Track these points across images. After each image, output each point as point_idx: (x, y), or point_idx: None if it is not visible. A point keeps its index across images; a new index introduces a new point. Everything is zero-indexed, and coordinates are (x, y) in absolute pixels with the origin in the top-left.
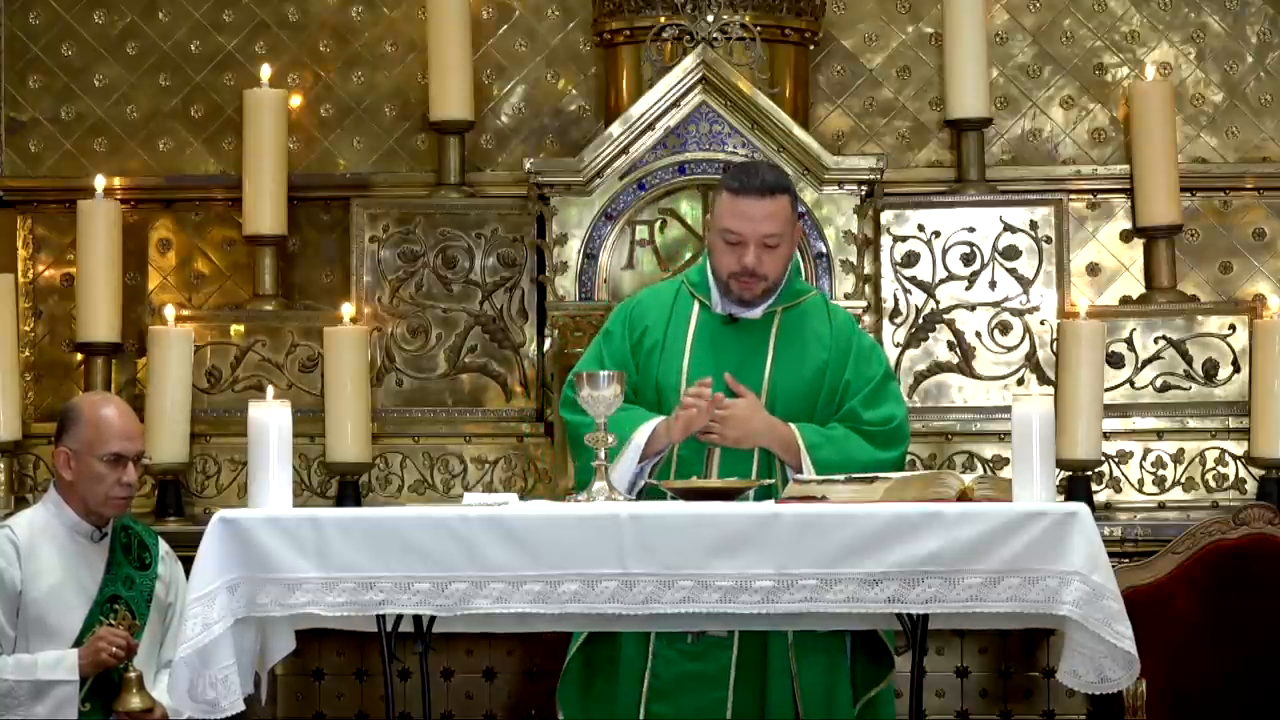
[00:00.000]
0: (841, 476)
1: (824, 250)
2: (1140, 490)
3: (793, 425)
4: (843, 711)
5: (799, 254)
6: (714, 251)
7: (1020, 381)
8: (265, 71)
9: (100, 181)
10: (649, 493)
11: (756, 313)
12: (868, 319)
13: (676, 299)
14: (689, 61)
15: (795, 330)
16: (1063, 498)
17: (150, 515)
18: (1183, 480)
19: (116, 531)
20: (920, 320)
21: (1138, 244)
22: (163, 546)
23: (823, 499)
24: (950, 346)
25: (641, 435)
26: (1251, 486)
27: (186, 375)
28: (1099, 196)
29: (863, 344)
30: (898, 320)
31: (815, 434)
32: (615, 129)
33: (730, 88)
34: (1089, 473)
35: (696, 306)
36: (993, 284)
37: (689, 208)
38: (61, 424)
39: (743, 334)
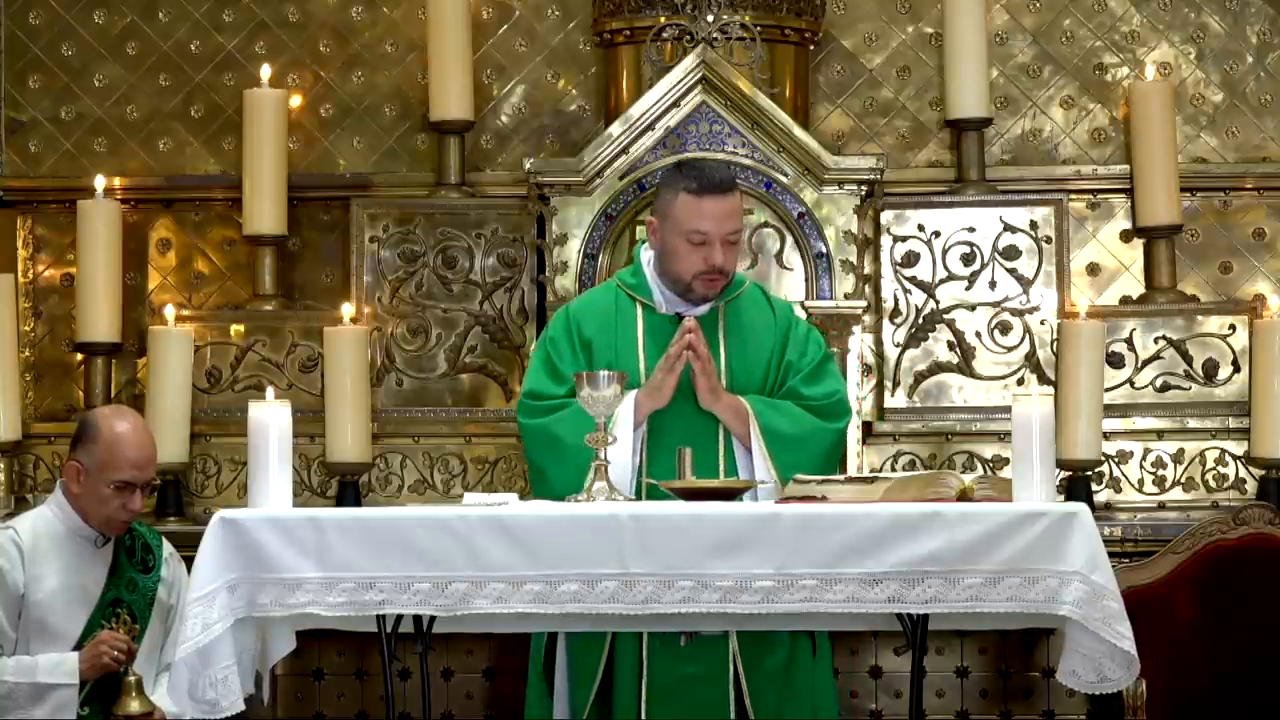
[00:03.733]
0: (841, 477)
1: (824, 250)
2: (1140, 490)
3: (740, 396)
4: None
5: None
6: (673, 254)
7: (1020, 381)
8: (265, 71)
9: (100, 181)
10: (650, 493)
11: (703, 309)
12: (868, 319)
13: (617, 305)
14: (689, 61)
15: (740, 321)
16: (1063, 498)
17: (150, 515)
18: (1183, 480)
19: (120, 535)
20: (920, 320)
21: (1138, 244)
22: (166, 548)
23: (823, 499)
24: (950, 346)
25: (626, 408)
26: (1251, 486)
27: (186, 375)
28: (1099, 196)
29: (801, 328)
30: (898, 320)
31: (762, 402)
32: (615, 129)
33: (730, 88)
34: (1089, 473)
35: (639, 310)
36: (993, 284)
37: None
38: (77, 435)
39: None
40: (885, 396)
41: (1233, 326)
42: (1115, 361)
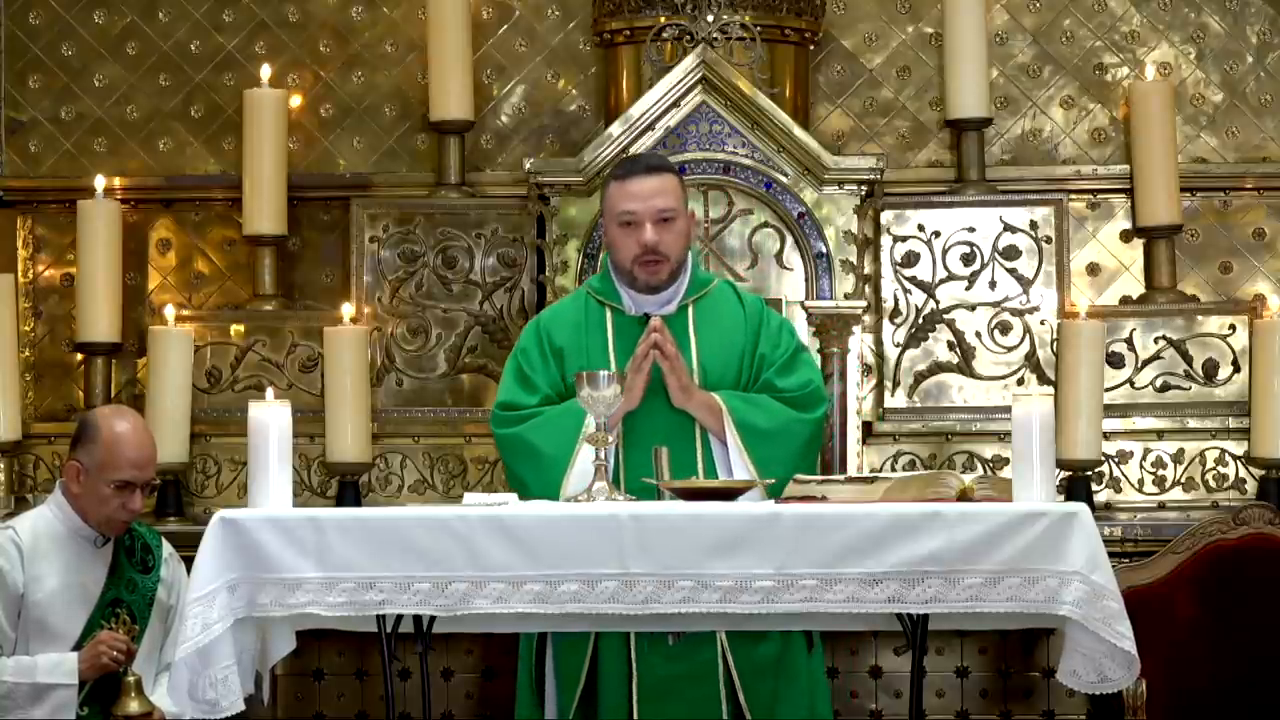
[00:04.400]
0: (841, 477)
1: (824, 250)
2: (1140, 490)
3: (714, 393)
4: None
5: (699, 252)
6: (613, 245)
7: (1020, 381)
8: (265, 71)
9: (100, 181)
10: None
11: (670, 308)
12: (868, 319)
13: (586, 311)
14: (689, 61)
15: (710, 318)
16: (1063, 498)
17: (150, 515)
18: (1183, 480)
19: (120, 535)
20: (920, 320)
21: (1138, 244)
22: (166, 548)
23: (823, 499)
24: (950, 346)
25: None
26: (1251, 486)
27: (186, 375)
28: (1099, 196)
29: (773, 321)
30: (898, 320)
31: (736, 397)
32: (615, 129)
33: (730, 88)
34: (1089, 473)
35: (608, 314)
36: (993, 284)
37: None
38: (77, 435)
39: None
40: (885, 396)
41: (1233, 326)
42: (1115, 361)
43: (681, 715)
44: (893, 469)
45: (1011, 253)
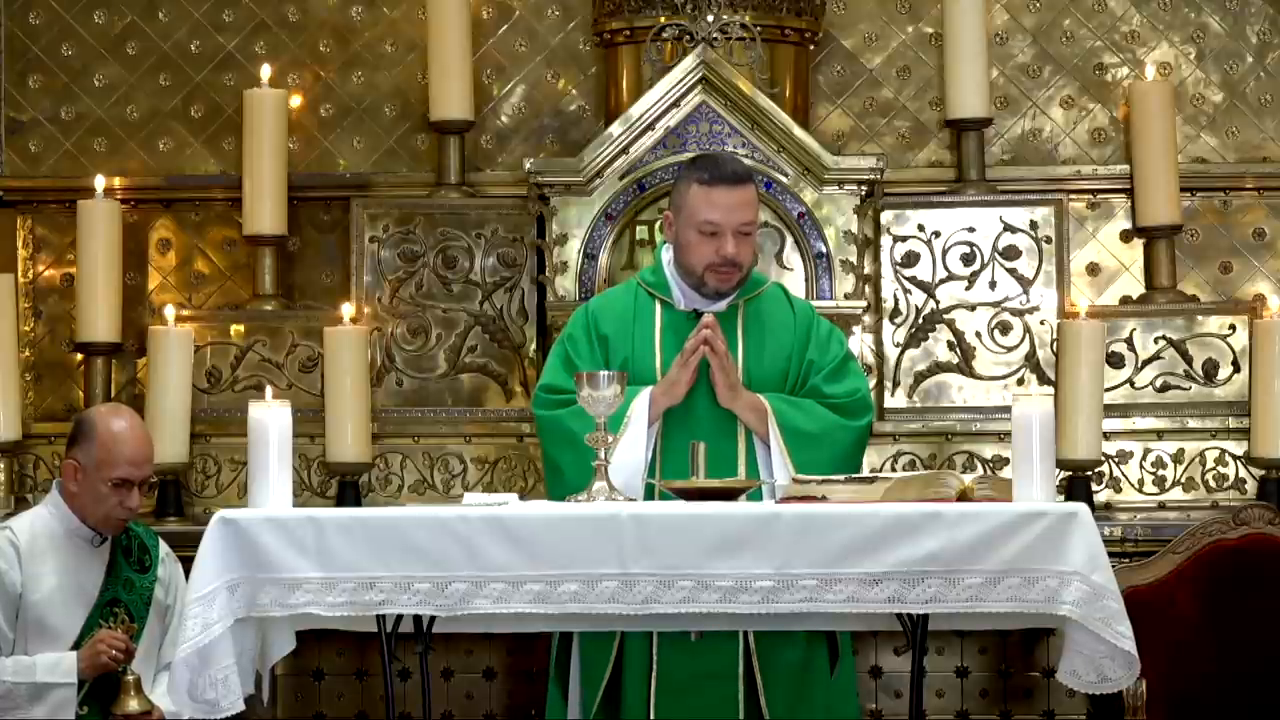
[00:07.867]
0: (841, 477)
1: (824, 250)
2: (1140, 490)
3: (761, 395)
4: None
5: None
6: (686, 246)
7: (1020, 381)
8: (265, 71)
9: (100, 181)
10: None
11: (721, 305)
12: (868, 319)
13: (636, 303)
14: (689, 61)
15: (760, 319)
16: (1063, 498)
17: (150, 515)
18: (1183, 480)
19: (117, 534)
20: (920, 320)
21: (1138, 244)
22: (163, 548)
23: (823, 499)
24: (950, 346)
25: (641, 403)
26: (1251, 486)
27: (186, 375)
28: (1099, 196)
29: (822, 328)
30: (898, 320)
31: (781, 400)
32: (615, 129)
33: (730, 88)
34: (1089, 473)
35: (658, 307)
36: (993, 284)
37: None
38: (74, 434)
39: None
40: (885, 396)
41: (1233, 326)
42: (1115, 361)
43: (699, 713)
44: (893, 469)
45: (1011, 253)
